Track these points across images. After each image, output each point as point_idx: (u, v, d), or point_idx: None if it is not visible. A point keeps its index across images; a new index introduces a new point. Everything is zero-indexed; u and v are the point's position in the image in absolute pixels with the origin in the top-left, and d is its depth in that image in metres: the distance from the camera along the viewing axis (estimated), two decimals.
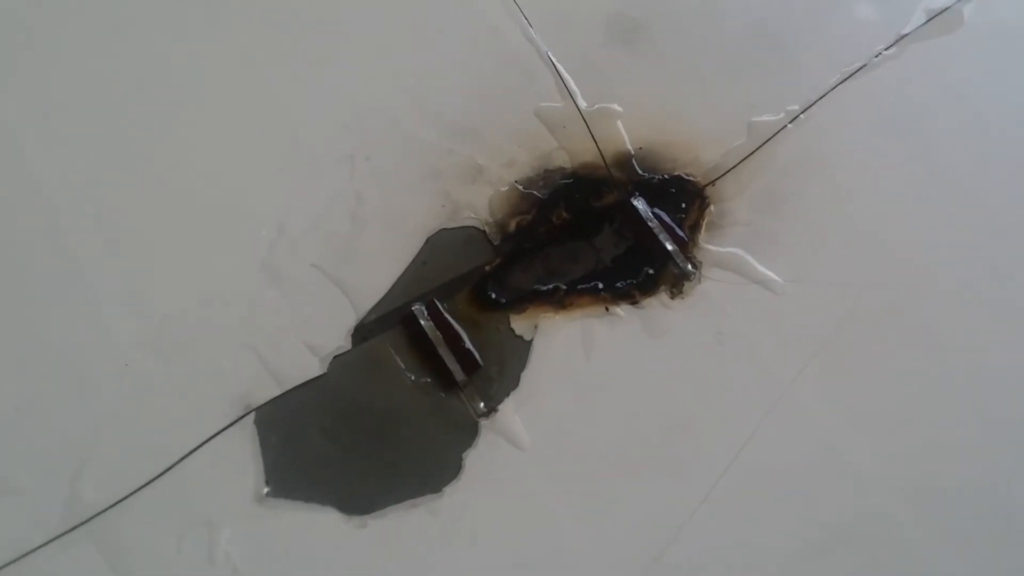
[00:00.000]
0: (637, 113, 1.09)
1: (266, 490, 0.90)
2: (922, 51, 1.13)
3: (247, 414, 0.93)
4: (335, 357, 0.96)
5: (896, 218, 1.04)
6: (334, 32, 1.13)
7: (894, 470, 0.92)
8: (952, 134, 1.08)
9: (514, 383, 0.95)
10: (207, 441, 0.92)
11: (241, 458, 0.92)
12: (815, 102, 1.09)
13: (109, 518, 0.90)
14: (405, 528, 0.90)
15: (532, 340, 0.97)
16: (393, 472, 0.91)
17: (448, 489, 0.91)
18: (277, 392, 0.94)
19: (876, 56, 1.12)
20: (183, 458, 0.91)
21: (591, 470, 0.92)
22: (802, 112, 1.09)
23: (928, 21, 1.14)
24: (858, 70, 1.12)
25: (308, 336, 0.97)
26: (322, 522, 0.90)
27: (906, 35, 1.13)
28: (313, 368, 0.95)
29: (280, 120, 1.08)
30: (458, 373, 0.95)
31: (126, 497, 0.90)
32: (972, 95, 1.11)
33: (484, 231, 1.02)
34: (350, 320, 0.98)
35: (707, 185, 1.05)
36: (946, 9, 1.15)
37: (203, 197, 1.04)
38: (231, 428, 0.93)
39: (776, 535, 0.90)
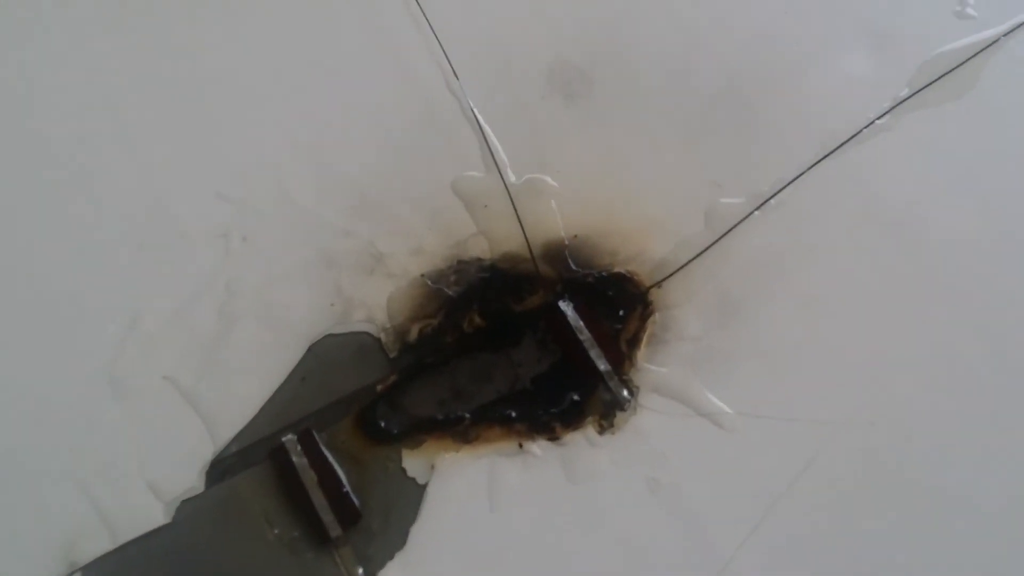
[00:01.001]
0: (575, 189, 0.92)
1: None
2: (922, 121, 0.95)
3: (71, 574, 0.76)
4: (184, 501, 0.79)
5: (879, 337, 0.86)
6: (210, 73, 0.94)
7: None
8: (953, 229, 0.90)
9: (401, 541, 0.80)
10: None
11: None
12: (789, 183, 0.91)
13: None
14: None
15: (427, 484, 0.81)
16: None
17: None
18: (109, 546, 0.77)
19: (867, 126, 0.94)
20: None
21: None
22: (773, 196, 0.91)
23: (931, 84, 0.95)
24: (844, 143, 0.93)
25: (152, 471, 0.80)
26: None
27: (904, 100, 0.95)
28: (156, 515, 0.79)
29: (141, 186, 0.90)
30: (333, 527, 0.79)
31: None
32: (980, 178, 0.93)
33: (379, 339, 0.85)
34: (206, 451, 0.81)
35: (652, 287, 0.88)
36: (956, 68, 0.96)
37: (36, 281, 0.86)
38: None
39: None
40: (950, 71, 0.97)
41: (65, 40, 0.96)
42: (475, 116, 0.95)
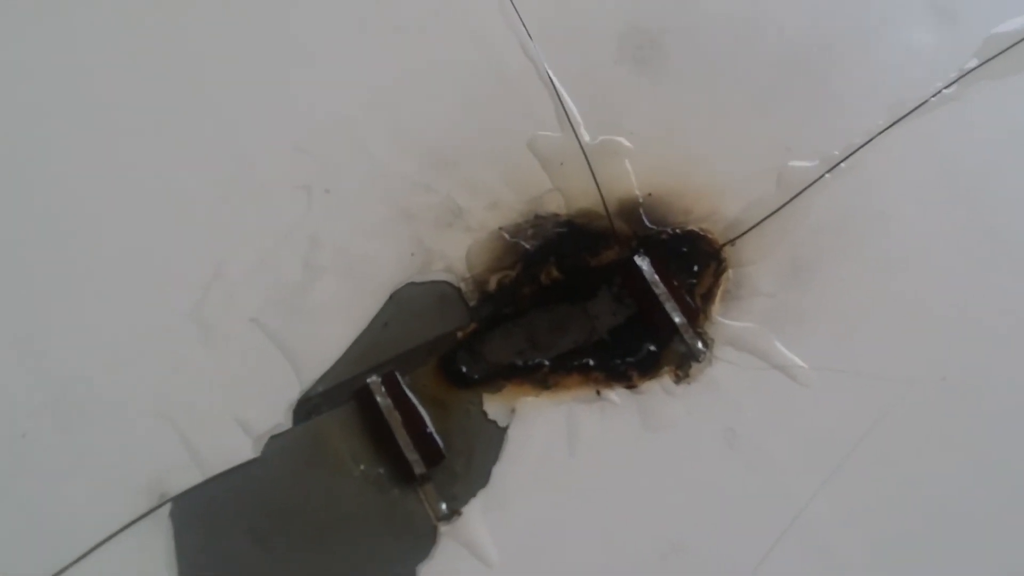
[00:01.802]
0: (648, 151, 0.95)
1: None
2: (990, 90, 0.98)
3: (161, 504, 0.79)
4: (272, 437, 0.82)
5: (953, 296, 0.89)
6: (291, 35, 0.98)
7: None
8: (1020, 194, 0.93)
9: (483, 480, 0.82)
10: (111, 537, 0.79)
11: (152, 561, 0.78)
12: (860, 147, 0.95)
13: None
14: None
15: (507, 427, 0.84)
16: None
17: None
18: (199, 478, 0.81)
19: (934, 95, 0.97)
20: (80, 558, 0.78)
21: None
22: (844, 160, 0.94)
23: (999, 55, 0.99)
24: (912, 111, 0.96)
25: (240, 409, 0.83)
26: None
27: (971, 71, 0.98)
28: (244, 450, 0.82)
29: (224, 140, 0.94)
30: (417, 465, 0.82)
31: None
32: None
33: (459, 288, 0.88)
34: (292, 391, 0.84)
35: (725, 245, 0.91)
36: (1021, 41, 1.00)
37: (122, 230, 0.90)
38: (142, 521, 0.79)
39: None
40: (1016, 44, 1.00)
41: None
42: (550, 78, 0.98)
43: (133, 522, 0.81)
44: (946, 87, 0.99)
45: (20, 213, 0.91)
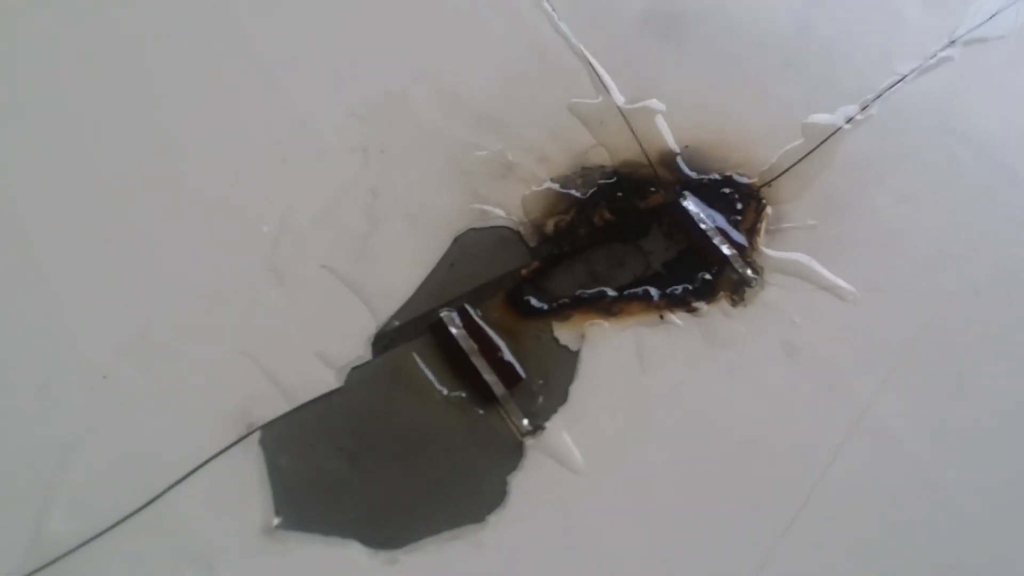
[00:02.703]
0: (680, 110, 1.04)
1: (276, 521, 0.79)
2: (978, 52, 1.09)
3: (251, 433, 0.82)
4: (353, 368, 0.86)
5: (973, 221, 0.98)
6: (345, 11, 1.05)
7: (994, 493, 0.84)
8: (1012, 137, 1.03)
9: (562, 398, 0.86)
10: (203, 465, 0.81)
11: (244, 485, 0.81)
12: (873, 100, 1.04)
13: (83, 556, 0.78)
14: (444, 564, 0.80)
15: (579, 350, 0.88)
16: (427, 499, 0.81)
17: (493, 518, 0.81)
18: (286, 408, 0.83)
19: (931, 58, 1.08)
20: (173, 485, 0.80)
21: (655, 496, 0.83)
22: (860, 111, 1.03)
23: (982, 24, 1.10)
24: (912, 71, 1.07)
25: (319, 344, 0.87)
26: (344, 559, 0.79)
27: (959, 37, 1.09)
28: (328, 381, 0.85)
29: (282, 107, 1.00)
30: (497, 386, 0.85)
31: (103, 532, 0.79)
32: None
33: (519, 232, 0.94)
34: (369, 327, 0.88)
35: (763, 186, 0.99)
36: (999, 12, 1.12)
37: (192, 186, 0.95)
38: (232, 449, 0.81)
39: (869, 571, 0.82)
40: (998, 12, 1.12)
41: None
42: (583, 51, 1.06)
43: (223, 451, 0.82)
44: (941, 50, 1.09)
45: (103, 162, 0.94)
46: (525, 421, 0.85)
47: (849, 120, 1.04)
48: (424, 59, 1.05)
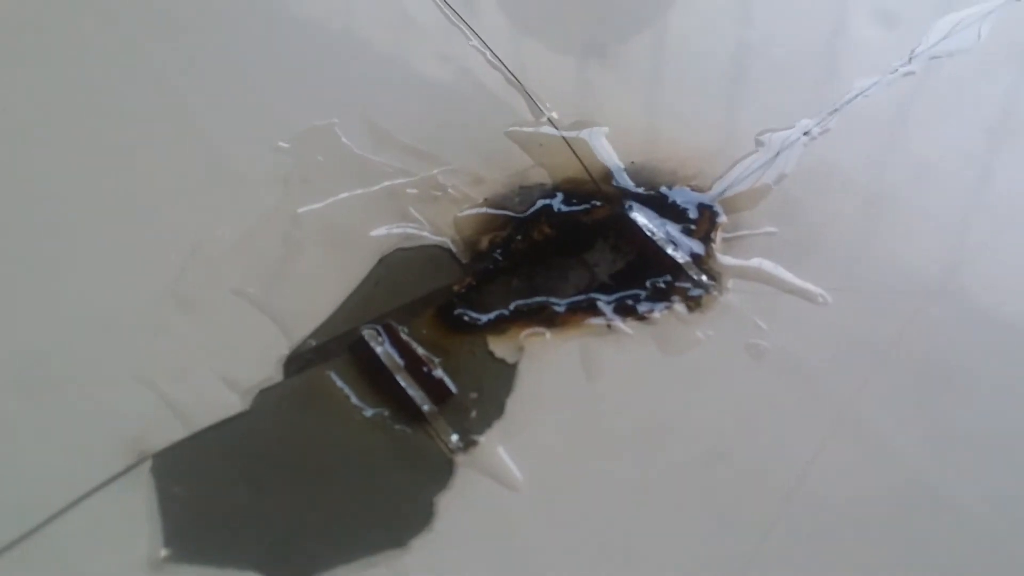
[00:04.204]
0: (624, 129, 0.99)
1: (164, 553, 0.69)
2: (939, 66, 1.05)
3: (141, 461, 0.73)
4: (261, 391, 0.77)
5: (944, 222, 0.91)
6: (270, 46, 1.02)
7: (993, 495, 0.74)
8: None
9: (497, 411, 0.78)
10: (85, 496, 0.72)
11: (132, 516, 0.72)
12: (830, 114, 0.99)
13: None
14: None
15: (517, 363, 0.80)
16: (341, 525, 0.71)
17: (416, 542, 0.71)
18: (183, 434, 0.74)
19: (892, 73, 1.04)
20: (52, 518, 0.71)
21: (605, 515, 0.73)
22: (817, 125, 0.98)
23: (941, 40, 1.07)
24: (871, 86, 1.03)
25: (225, 369, 0.79)
26: None
27: (919, 54, 1.06)
28: (232, 404, 0.77)
29: (200, 140, 0.95)
30: (424, 402, 0.76)
31: None
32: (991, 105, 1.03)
33: (449, 250, 0.87)
34: (282, 348, 0.80)
35: (716, 196, 0.92)
36: (961, 28, 1.09)
37: (99, 215, 0.89)
38: (120, 480, 0.72)
39: None
40: (959, 28, 1.09)
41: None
42: (516, 79, 1.03)
43: (108, 481, 0.73)
44: (902, 65, 1.06)
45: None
46: (455, 437, 0.76)
47: (807, 132, 0.99)
48: (351, 93, 1.02)
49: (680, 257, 0.88)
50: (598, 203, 0.93)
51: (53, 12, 1.04)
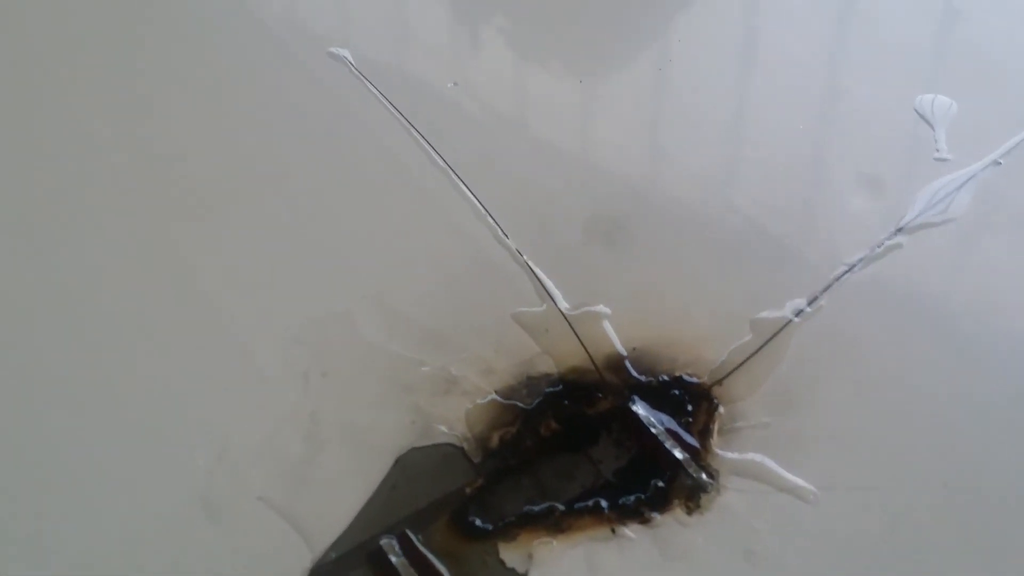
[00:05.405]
0: (626, 313, 1.04)
1: None
2: (927, 236, 1.11)
3: None
4: None
5: (934, 408, 0.96)
6: (284, 233, 1.08)
7: None
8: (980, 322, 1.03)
9: None
10: None
11: None
12: (822, 293, 1.05)
13: None
14: None
15: (527, 572, 0.85)
16: None
17: None
18: None
19: (879, 247, 1.09)
20: None
21: None
22: (809, 304, 1.04)
23: (922, 212, 1.13)
24: (859, 261, 1.08)
25: None
26: None
27: (904, 226, 1.11)
28: None
29: (223, 336, 1.00)
30: None
31: None
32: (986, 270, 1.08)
33: (462, 448, 0.93)
34: (304, 561, 0.85)
35: (713, 385, 0.98)
36: (946, 197, 1.14)
37: (127, 420, 0.93)
38: None
39: None
40: (945, 197, 1.15)
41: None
42: (525, 262, 1.08)
43: None
44: (886, 239, 1.11)
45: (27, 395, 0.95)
46: None
47: (798, 313, 1.04)
48: (367, 277, 1.07)
49: (679, 453, 0.93)
50: (601, 395, 0.97)
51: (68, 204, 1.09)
